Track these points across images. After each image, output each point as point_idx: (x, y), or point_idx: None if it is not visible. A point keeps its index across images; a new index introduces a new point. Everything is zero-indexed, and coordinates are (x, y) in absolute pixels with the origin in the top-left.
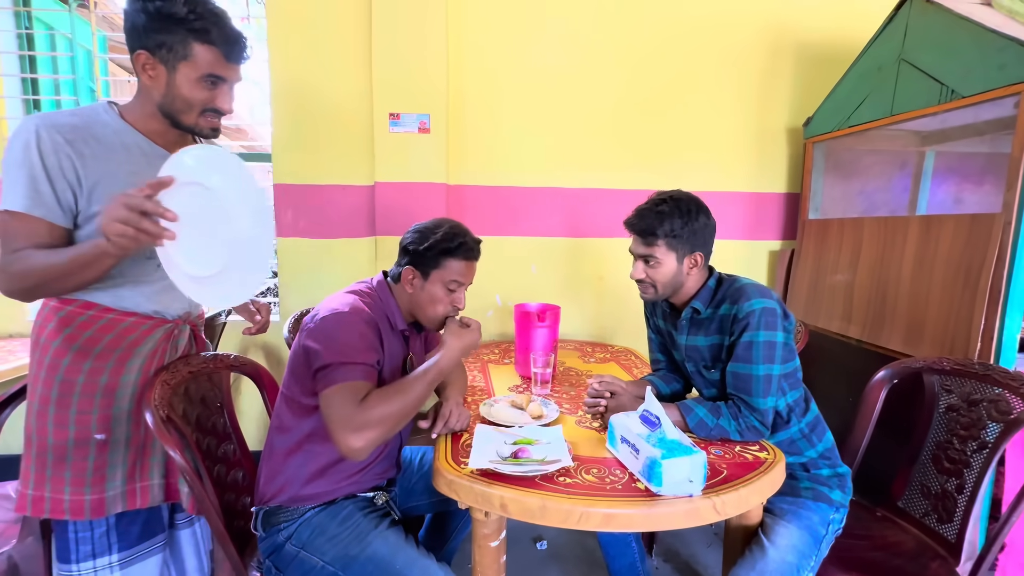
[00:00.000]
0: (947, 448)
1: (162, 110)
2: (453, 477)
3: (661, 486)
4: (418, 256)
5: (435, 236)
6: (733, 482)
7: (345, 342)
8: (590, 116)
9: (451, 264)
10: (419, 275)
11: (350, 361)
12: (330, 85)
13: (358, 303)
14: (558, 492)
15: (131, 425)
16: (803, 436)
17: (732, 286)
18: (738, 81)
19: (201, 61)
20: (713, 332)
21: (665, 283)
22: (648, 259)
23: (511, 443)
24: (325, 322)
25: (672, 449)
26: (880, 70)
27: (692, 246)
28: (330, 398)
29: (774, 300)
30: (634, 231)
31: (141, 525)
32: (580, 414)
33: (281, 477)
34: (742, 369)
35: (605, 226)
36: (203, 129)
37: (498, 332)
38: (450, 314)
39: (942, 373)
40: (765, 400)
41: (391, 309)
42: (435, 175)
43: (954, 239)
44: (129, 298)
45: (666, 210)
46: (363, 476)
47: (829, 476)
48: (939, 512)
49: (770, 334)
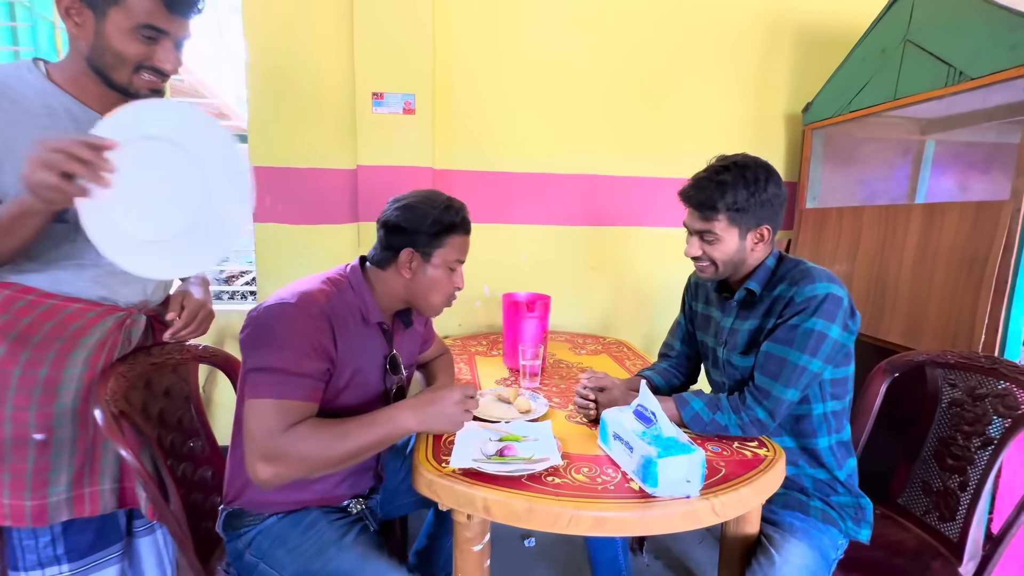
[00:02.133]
0: (950, 444)
1: (91, 65)
2: (433, 477)
3: (656, 487)
4: (419, 236)
5: (435, 211)
6: (732, 481)
7: (282, 344)
8: (583, 99)
9: (454, 240)
10: (419, 257)
11: (287, 370)
12: (309, 61)
13: (313, 292)
14: (546, 493)
15: (77, 424)
16: (832, 453)
17: (796, 267)
18: (735, 65)
19: (135, 7)
20: (759, 316)
21: (726, 260)
22: (706, 235)
23: (496, 440)
24: (262, 316)
25: (668, 447)
26: (883, 52)
27: (758, 219)
28: (252, 411)
29: (844, 291)
30: (691, 204)
31: (93, 534)
32: (570, 408)
33: (242, 478)
34: (777, 351)
35: (598, 214)
36: (140, 90)
37: (487, 323)
38: (452, 296)
39: (946, 366)
40: (787, 390)
41: (363, 299)
42: (421, 159)
43: (959, 227)
44: (70, 282)
45: (728, 179)
46: (333, 488)
47: (847, 506)
48: (941, 510)
49: (825, 325)
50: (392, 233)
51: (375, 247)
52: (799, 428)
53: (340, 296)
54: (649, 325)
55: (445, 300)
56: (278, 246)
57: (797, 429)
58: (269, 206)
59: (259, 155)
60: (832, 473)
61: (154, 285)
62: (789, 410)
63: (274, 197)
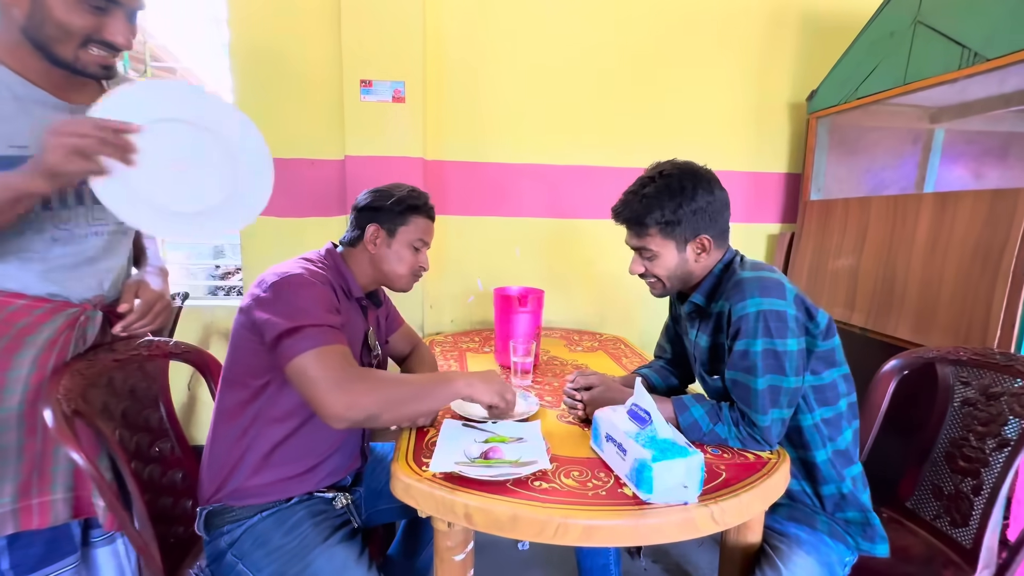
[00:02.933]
0: (962, 445)
1: (28, 37)
2: (411, 481)
3: (651, 493)
4: (383, 213)
5: (400, 192)
6: (733, 487)
7: (306, 305)
8: (580, 87)
9: (417, 221)
10: (384, 233)
11: (319, 323)
12: (295, 47)
13: (309, 267)
14: (532, 500)
15: (23, 430)
16: (831, 467)
17: (733, 277)
18: (737, 52)
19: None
20: (710, 331)
21: (670, 276)
22: (643, 251)
23: (481, 441)
24: (277, 287)
25: (664, 450)
26: (892, 36)
27: (694, 230)
28: (307, 363)
29: (784, 299)
30: (620, 221)
31: (43, 547)
32: (562, 407)
33: (224, 469)
34: (741, 378)
35: (595, 206)
36: (87, 67)
37: (479, 319)
38: (416, 273)
39: (958, 363)
40: (767, 415)
41: (345, 276)
42: (411, 149)
43: (972, 217)
44: (16, 277)
45: (652, 192)
46: (318, 470)
47: (855, 522)
48: (953, 515)
49: (772, 341)
50: (362, 213)
51: (347, 231)
52: (792, 440)
53: (327, 274)
54: (647, 321)
55: (411, 273)
56: (264, 240)
57: (791, 443)
58: None
59: None
60: (836, 487)
61: (111, 279)
62: (784, 427)
63: None
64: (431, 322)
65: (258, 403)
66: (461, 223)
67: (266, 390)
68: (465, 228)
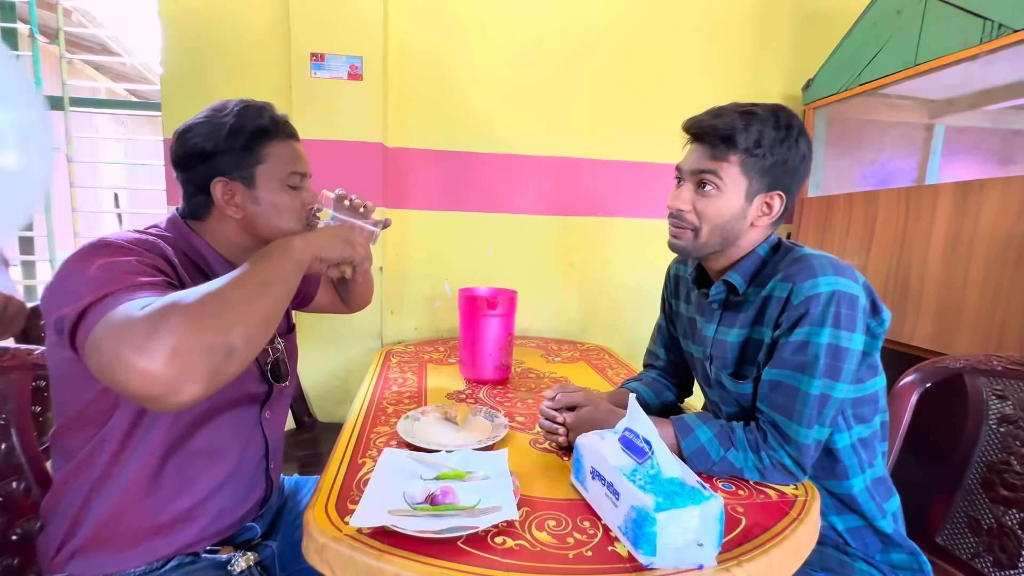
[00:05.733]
0: (1003, 471)
1: None
2: (327, 540)
3: (654, 556)
4: (222, 157)
5: (228, 120)
6: (758, 539)
7: (111, 272)
8: (560, 72)
9: (275, 149)
10: (240, 184)
11: (123, 286)
12: (235, 14)
13: (128, 236)
14: (491, 567)
15: None
16: (871, 497)
17: (790, 255)
18: (727, 39)
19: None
20: (747, 323)
21: (716, 225)
22: (707, 178)
23: (431, 479)
24: (69, 263)
25: (671, 494)
26: (900, 14)
27: (774, 179)
28: (96, 340)
29: (858, 283)
30: (702, 130)
31: None
32: (537, 430)
33: (66, 518)
34: (786, 378)
35: (576, 202)
36: None
37: (447, 327)
38: (309, 219)
39: (991, 374)
40: (811, 431)
41: (200, 253)
42: (370, 133)
43: (1002, 207)
44: None
45: (759, 113)
46: (196, 514)
47: (903, 566)
48: (996, 554)
49: (839, 334)
50: (187, 169)
51: (183, 199)
52: (824, 468)
53: (168, 245)
54: (633, 329)
55: (301, 222)
56: None
57: (821, 470)
58: None
59: (175, 126)
60: (874, 523)
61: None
62: (819, 451)
63: None
64: (392, 329)
65: (93, 428)
66: (426, 218)
67: (104, 415)
68: (431, 224)
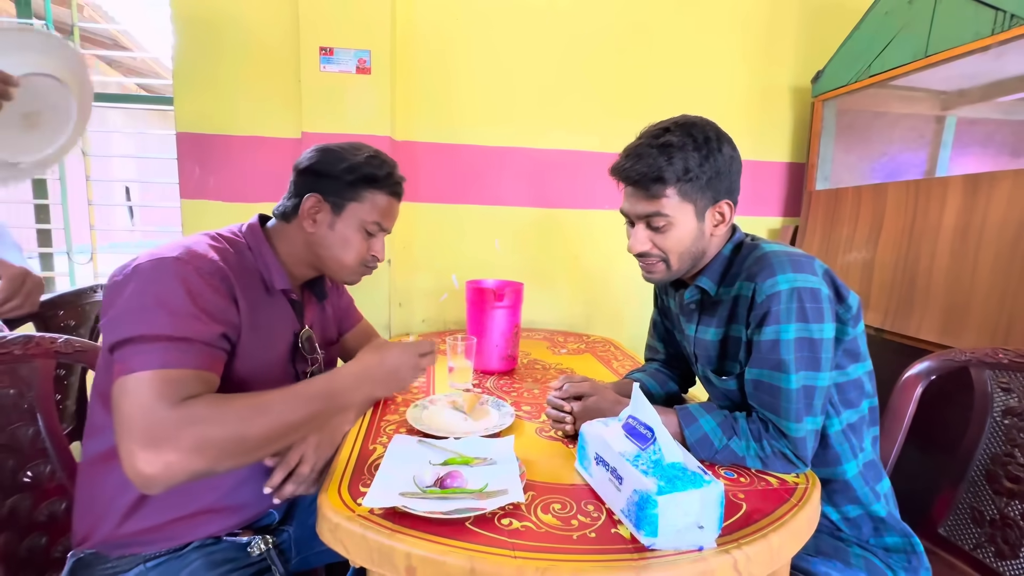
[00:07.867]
0: (1007, 463)
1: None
2: (340, 520)
3: (656, 536)
4: (329, 181)
5: (356, 158)
6: (758, 524)
7: (159, 304)
8: (569, 65)
9: (375, 198)
10: (328, 207)
11: (171, 336)
12: (246, 9)
13: (200, 247)
14: (498, 546)
15: None
16: (864, 482)
17: (753, 254)
18: (735, 30)
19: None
20: (722, 322)
21: (682, 252)
22: (653, 220)
23: (439, 463)
24: (130, 277)
25: (673, 478)
26: (911, 4)
27: (716, 192)
28: (124, 390)
29: (816, 275)
30: (629, 179)
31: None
32: (543, 420)
33: (95, 505)
34: (767, 377)
35: (582, 195)
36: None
37: (454, 319)
38: (367, 263)
39: (997, 367)
40: (801, 424)
41: (265, 261)
42: (378, 127)
43: (1011, 200)
44: None
45: (675, 141)
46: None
47: (896, 549)
48: (998, 545)
49: (809, 327)
50: (302, 177)
51: (283, 197)
52: (816, 456)
53: (238, 257)
54: (637, 321)
55: (358, 262)
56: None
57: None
58: (198, 179)
59: (186, 120)
60: (869, 508)
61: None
62: (817, 439)
63: (204, 170)
64: (399, 322)
65: None
66: (434, 211)
67: None
68: (439, 217)
